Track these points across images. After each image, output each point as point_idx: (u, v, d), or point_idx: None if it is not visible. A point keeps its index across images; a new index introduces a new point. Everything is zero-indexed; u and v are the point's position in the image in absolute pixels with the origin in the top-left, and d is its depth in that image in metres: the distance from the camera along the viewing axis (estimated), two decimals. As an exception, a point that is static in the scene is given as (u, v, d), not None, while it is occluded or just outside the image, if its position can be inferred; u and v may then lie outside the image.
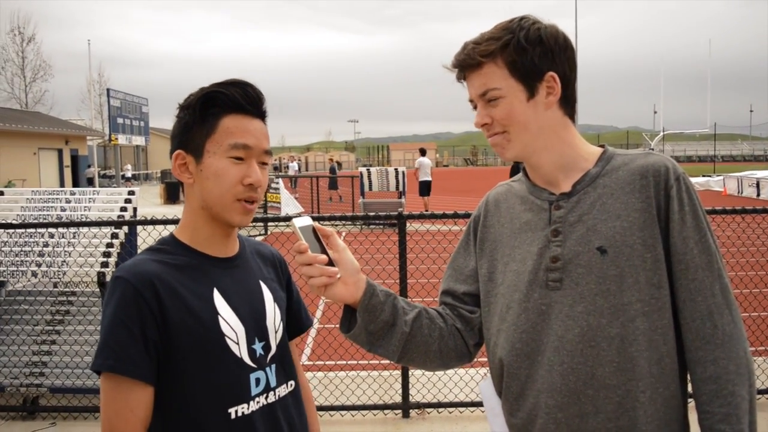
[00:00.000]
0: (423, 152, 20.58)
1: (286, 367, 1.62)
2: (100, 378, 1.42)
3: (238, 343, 1.49)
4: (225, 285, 1.53)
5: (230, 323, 1.49)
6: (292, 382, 1.63)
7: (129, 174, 42.90)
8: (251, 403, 1.49)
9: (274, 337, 1.59)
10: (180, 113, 1.53)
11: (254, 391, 1.51)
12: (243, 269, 1.60)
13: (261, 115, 1.56)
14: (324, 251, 1.45)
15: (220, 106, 1.49)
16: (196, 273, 1.51)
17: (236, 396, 1.47)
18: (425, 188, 19.43)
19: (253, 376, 1.51)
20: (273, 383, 1.56)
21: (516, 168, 17.22)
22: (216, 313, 1.48)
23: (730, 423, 1.33)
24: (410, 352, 1.55)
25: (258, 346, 1.54)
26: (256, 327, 1.54)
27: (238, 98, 1.50)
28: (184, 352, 1.43)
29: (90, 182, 39.37)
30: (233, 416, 1.46)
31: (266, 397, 1.53)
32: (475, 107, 1.53)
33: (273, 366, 1.57)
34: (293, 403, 1.62)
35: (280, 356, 1.60)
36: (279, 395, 1.57)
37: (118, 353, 1.38)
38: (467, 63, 1.48)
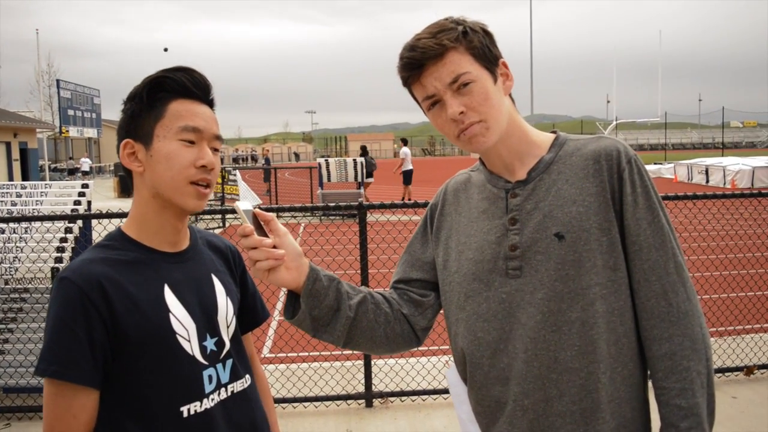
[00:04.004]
0: (405, 142, 20.51)
1: (240, 362, 1.60)
2: (44, 382, 1.38)
3: (189, 341, 1.47)
4: (175, 281, 1.49)
5: (181, 320, 1.46)
6: (248, 377, 1.61)
7: (87, 167, 40.45)
8: (205, 400, 1.47)
9: (227, 332, 1.56)
10: (126, 105, 1.50)
11: (208, 388, 1.48)
12: (194, 263, 1.57)
13: (209, 101, 1.53)
14: (265, 236, 1.43)
15: (168, 90, 1.46)
16: (145, 269, 1.47)
17: (189, 394, 1.45)
18: (409, 177, 19.53)
19: (205, 373, 1.49)
20: (224, 380, 1.53)
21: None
22: (167, 310, 1.45)
23: (686, 397, 1.36)
24: (356, 337, 1.54)
25: (209, 343, 1.51)
26: (207, 323, 1.52)
27: (185, 82, 1.47)
28: (135, 351, 1.41)
29: (71, 173, 37.90)
30: (185, 414, 1.44)
31: (219, 394, 1.51)
32: (431, 106, 1.46)
33: (228, 362, 1.55)
34: (250, 397, 1.60)
35: (235, 351, 1.58)
36: (233, 391, 1.55)
37: (62, 358, 1.35)
38: (431, 53, 1.40)
